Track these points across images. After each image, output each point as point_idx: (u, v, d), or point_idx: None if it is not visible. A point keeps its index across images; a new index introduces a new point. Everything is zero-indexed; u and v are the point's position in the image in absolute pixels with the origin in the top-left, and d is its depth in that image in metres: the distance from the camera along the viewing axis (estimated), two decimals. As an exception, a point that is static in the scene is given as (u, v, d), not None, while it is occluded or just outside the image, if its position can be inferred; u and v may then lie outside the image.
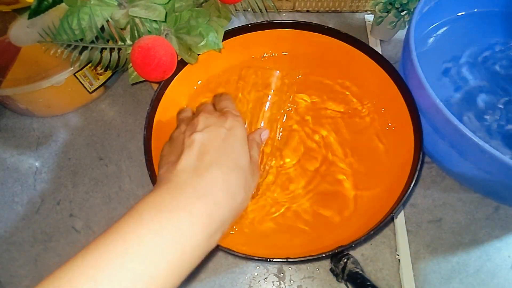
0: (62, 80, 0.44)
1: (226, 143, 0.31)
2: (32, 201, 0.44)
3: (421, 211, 0.42)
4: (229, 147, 0.31)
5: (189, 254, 0.25)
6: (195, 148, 0.30)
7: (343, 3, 0.55)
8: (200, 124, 0.32)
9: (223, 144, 0.31)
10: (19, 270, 0.40)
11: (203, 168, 0.29)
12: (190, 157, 0.29)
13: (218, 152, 0.30)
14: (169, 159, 0.31)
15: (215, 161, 0.29)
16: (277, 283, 0.39)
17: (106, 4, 0.36)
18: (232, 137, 0.31)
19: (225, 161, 0.30)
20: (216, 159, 0.29)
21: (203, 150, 0.30)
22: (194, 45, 0.38)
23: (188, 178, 0.28)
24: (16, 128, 0.49)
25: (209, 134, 0.31)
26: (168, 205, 0.26)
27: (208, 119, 0.33)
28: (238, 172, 0.30)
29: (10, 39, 0.46)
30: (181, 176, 0.28)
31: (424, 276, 0.39)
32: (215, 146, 0.30)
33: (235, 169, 0.30)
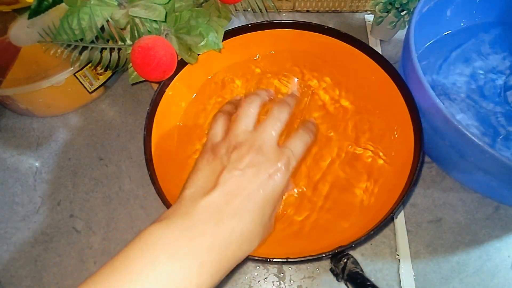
0: (62, 80, 0.44)
1: (260, 191, 0.28)
2: (32, 202, 0.44)
3: (421, 211, 0.42)
4: (262, 198, 0.28)
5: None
6: (229, 187, 0.28)
7: (343, 3, 0.55)
8: (246, 160, 0.29)
9: (257, 192, 0.28)
10: (20, 271, 0.40)
11: (227, 213, 0.27)
12: (220, 195, 0.27)
13: (249, 198, 0.28)
14: (199, 182, 0.29)
15: (242, 209, 0.27)
16: (277, 283, 0.39)
17: (106, 4, 0.36)
18: (268, 187, 0.29)
19: (252, 211, 0.28)
20: (243, 207, 0.27)
21: (236, 191, 0.28)
22: (194, 45, 0.38)
23: (208, 222, 0.26)
24: (16, 128, 0.49)
25: (250, 176, 0.28)
26: (182, 250, 0.24)
27: (258, 156, 0.29)
28: (259, 227, 0.28)
29: (10, 39, 0.46)
30: (202, 214, 0.26)
31: (424, 276, 0.39)
32: (249, 192, 0.28)
33: (258, 222, 0.28)
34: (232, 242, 0.26)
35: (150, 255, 0.23)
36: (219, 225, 0.26)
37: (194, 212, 0.26)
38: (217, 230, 0.26)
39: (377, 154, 0.39)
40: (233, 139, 0.31)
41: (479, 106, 0.45)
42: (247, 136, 0.31)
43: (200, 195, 0.27)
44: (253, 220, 0.28)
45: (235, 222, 0.27)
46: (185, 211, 0.26)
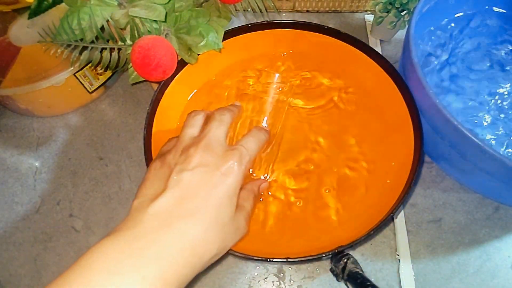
0: (62, 80, 0.44)
1: (214, 191, 0.27)
2: (32, 201, 0.44)
3: (421, 211, 0.42)
4: (216, 197, 0.27)
5: None
6: (178, 190, 0.26)
7: (343, 3, 0.55)
8: (194, 160, 0.28)
9: (210, 192, 0.27)
10: (19, 270, 0.40)
11: (177, 218, 0.25)
12: (168, 200, 0.26)
13: (201, 200, 0.26)
14: (148, 191, 0.27)
15: (195, 211, 0.26)
16: (277, 283, 0.39)
17: (106, 4, 0.36)
18: (223, 186, 0.27)
19: (205, 213, 0.26)
20: (196, 209, 0.26)
21: (187, 194, 0.26)
22: (194, 45, 0.38)
23: (155, 230, 0.24)
24: (16, 128, 0.49)
25: (200, 176, 0.27)
26: (124, 265, 0.23)
27: (206, 155, 0.28)
28: (215, 228, 0.27)
29: (10, 39, 0.46)
30: (149, 224, 0.25)
31: (424, 276, 0.39)
32: (201, 193, 0.27)
33: (213, 224, 0.26)
34: (185, 247, 0.25)
35: (89, 273, 0.22)
36: (168, 231, 0.24)
37: (141, 222, 0.25)
38: (165, 236, 0.24)
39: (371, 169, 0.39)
40: (179, 146, 0.30)
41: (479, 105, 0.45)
42: (193, 140, 0.29)
43: (148, 203, 0.26)
44: (207, 221, 0.26)
45: (186, 225, 0.25)
46: (132, 222, 0.25)
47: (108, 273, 0.22)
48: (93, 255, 0.23)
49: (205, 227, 0.26)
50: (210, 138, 0.30)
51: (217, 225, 0.27)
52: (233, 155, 0.29)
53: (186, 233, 0.25)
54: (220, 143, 0.30)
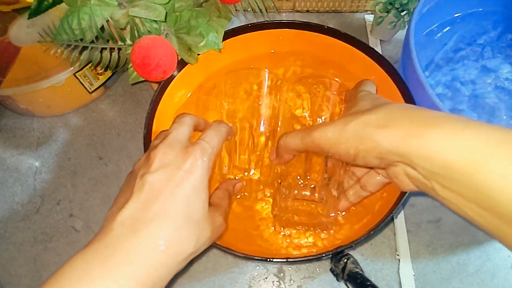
0: (62, 80, 0.44)
1: (178, 190, 0.26)
2: (32, 201, 0.44)
3: (421, 211, 0.42)
4: (182, 195, 0.26)
5: None
6: (142, 194, 0.26)
7: (343, 3, 0.55)
8: (155, 162, 0.27)
9: (175, 190, 0.26)
10: (19, 270, 0.40)
11: (144, 221, 0.25)
12: (135, 205, 0.26)
13: (167, 200, 0.26)
14: (119, 200, 0.28)
15: (162, 212, 0.25)
16: (277, 283, 0.39)
17: (106, 4, 0.36)
18: (187, 183, 0.27)
19: (174, 212, 0.26)
20: (163, 210, 0.26)
21: (152, 196, 0.26)
22: (194, 45, 0.38)
23: (123, 235, 0.24)
24: (16, 128, 0.49)
25: (162, 176, 0.27)
26: (94, 273, 0.23)
27: (166, 155, 0.28)
28: (187, 226, 0.26)
29: (10, 39, 0.46)
30: (117, 231, 0.25)
31: (424, 276, 0.39)
32: (166, 193, 0.26)
33: (184, 223, 0.26)
34: (155, 249, 0.24)
35: (59, 286, 0.22)
36: (137, 235, 0.24)
37: (110, 231, 0.25)
38: (134, 241, 0.24)
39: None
40: (145, 154, 0.30)
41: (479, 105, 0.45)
42: (158, 147, 0.29)
43: (116, 212, 0.26)
44: (177, 220, 0.26)
45: (154, 227, 0.25)
46: (102, 233, 0.25)
47: (79, 283, 0.22)
48: (64, 269, 0.23)
49: (175, 227, 0.26)
50: (169, 139, 0.29)
51: (188, 223, 0.26)
52: (194, 150, 0.28)
53: (155, 236, 0.25)
54: (179, 142, 0.29)
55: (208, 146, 0.29)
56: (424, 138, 0.24)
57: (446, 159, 0.23)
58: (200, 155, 0.28)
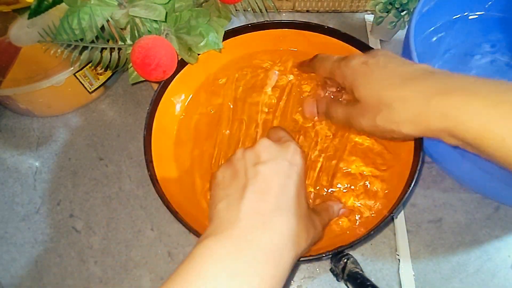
0: (62, 80, 0.44)
1: (289, 181, 0.27)
2: (32, 202, 0.44)
3: (421, 211, 0.42)
4: (291, 187, 0.27)
5: None
6: (258, 184, 0.26)
7: (343, 3, 0.55)
8: (264, 154, 0.28)
9: (286, 182, 0.27)
10: (20, 271, 0.40)
11: (267, 214, 0.25)
12: (254, 196, 0.26)
13: (281, 192, 0.27)
14: (229, 191, 0.27)
15: (279, 204, 0.26)
16: (277, 283, 0.39)
17: (106, 4, 0.36)
18: (295, 176, 0.28)
19: (288, 204, 0.26)
20: (279, 202, 0.26)
21: (266, 187, 0.26)
22: (194, 45, 0.38)
23: (254, 228, 0.25)
24: (16, 128, 0.49)
25: (273, 167, 0.27)
26: (240, 268, 0.23)
27: (271, 148, 0.29)
28: (300, 219, 0.27)
29: (10, 39, 0.46)
30: (246, 223, 0.25)
31: (424, 276, 0.39)
32: (279, 184, 0.27)
33: (297, 215, 0.27)
34: (284, 245, 0.25)
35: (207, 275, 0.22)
36: (266, 228, 0.25)
37: (238, 224, 0.25)
38: (264, 236, 0.24)
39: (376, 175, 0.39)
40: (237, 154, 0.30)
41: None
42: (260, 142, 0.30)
43: (236, 204, 0.26)
44: (293, 214, 0.26)
45: (279, 220, 0.25)
46: (228, 226, 0.25)
47: (228, 275, 0.22)
48: (204, 257, 0.23)
49: (292, 219, 0.26)
50: (261, 142, 0.30)
51: (300, 216, 0.27)
52: (288, 146, 0.30)
53: (282, 229, 0.25)
54: (270, 144, 0.30)
55: (295, 145, 0.31)
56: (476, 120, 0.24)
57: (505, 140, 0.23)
58: (295, 147, 0.30)
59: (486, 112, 0.23)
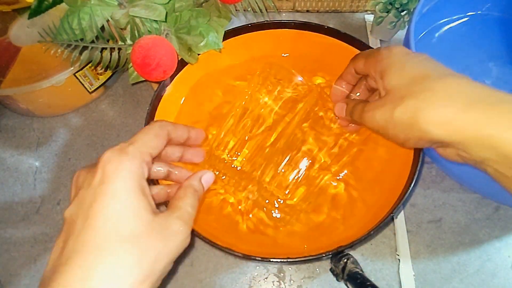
0: (62, 80, 0.44)
1: (92, 210, 0.21)
2: (32, 201, 0.44)
3: (421, 211, 0.42)
4: (98, 214, 0.21)
5: None
6: (61, 235, 0.22)
7: (343, 3, 0.55)
8: (72, 192, 0.24)
9: (89, 213, 0.21)
10: (19, 270, 0.40)
11: (59, 265, 0.20)
12: (54, 252, 0.22)
13: (82, 229, 0.21)
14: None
15: (77, 246, 0.20)
16: (277, 283, 0.39)
17: (107, 4, 0.36)
18: (101, 198, 0.21)
19: (92, 239, 0.20)
20: (78, 244, 0.20)
21: (68, 233, 0.22)
22: (194, 45, 0.38)
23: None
24: (16, 128, 0.49)
25: (75, 205, 0.22)
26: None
27: (79, 178, 0.23)
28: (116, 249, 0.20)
29: (10, 39, 0.46)
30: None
31: (424, 276, 0.39)
32: (79, 222, 0.21)
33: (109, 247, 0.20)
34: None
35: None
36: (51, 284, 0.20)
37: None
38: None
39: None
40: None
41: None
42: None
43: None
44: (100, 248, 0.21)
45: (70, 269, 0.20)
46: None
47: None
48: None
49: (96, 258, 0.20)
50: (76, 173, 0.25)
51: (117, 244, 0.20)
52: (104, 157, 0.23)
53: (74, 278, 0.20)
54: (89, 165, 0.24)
55: (128, 146, 0.23)
56: (486, 127, 0.22)
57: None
58: (116, 158, 0.22)
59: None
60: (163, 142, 0.26)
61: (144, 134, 0.25)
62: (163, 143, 0.26)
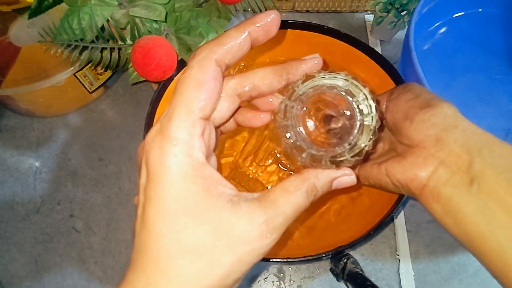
0: (62, 80, 0.44)
1: (148, 215, 0.17)
2: (33, 201, 0.44)
3: (421, 211, 0.42)
4: (154, 221, 0.17)
5: None
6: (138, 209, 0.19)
7: (343, 3, 0.55)
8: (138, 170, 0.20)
9: (144, 218, 0.18)
10: (20, 270, 0.40)
11: (131, 263, 0.18)
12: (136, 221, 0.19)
13: (141, 235, 0.18)
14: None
15: (139, 256, 0.17)
16: (277, 283, 0.39)
17: (107, 4, 0.36)
18: (153, 202, 0.17)
19: (150, 250, 0.17)
20: (141, 251, 0.17)
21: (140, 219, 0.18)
22: (194, 45, 0.38)
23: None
24: (16, 128, 0.49)
25: (140, 193, 0.19)
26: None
27: (139, 157, 0.19)
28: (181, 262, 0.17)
29: (10, 39, 0.46)
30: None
31: (424, 276, 0.39)
32: (139, 225, 0.18)
33: (171, 261, 0.17)
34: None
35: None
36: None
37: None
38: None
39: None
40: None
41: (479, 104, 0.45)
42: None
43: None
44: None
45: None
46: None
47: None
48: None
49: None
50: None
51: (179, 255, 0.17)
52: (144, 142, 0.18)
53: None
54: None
55: (169, 123, 0.17)
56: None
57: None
58: (158, 148, 0.17)
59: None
60: (215, 87, 0.18)
61: (183, 90, 0.17)
62: (214, 88, 0.18)
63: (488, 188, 0.21)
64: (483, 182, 0.22)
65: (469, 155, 0.22)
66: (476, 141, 0.23)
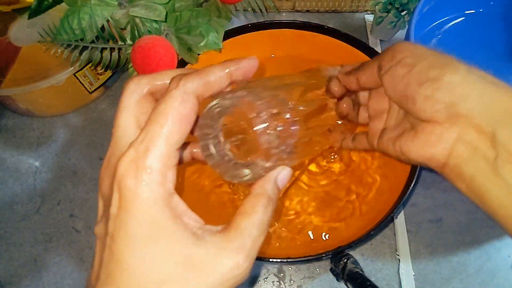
0: (62, 80, 0.44)
1: (117, 244, 0.16)
2: (32, 201, 0.44)
3: (421, 211, 0.42)
4: (123, 252, 0.16)
5: None
6: (96, 254, 0.18)
7: (343, 3, 0.55)
8: (99, 202, 0.20)
9: (113, 248, 0.16)
10: (19, 270, 0.40)
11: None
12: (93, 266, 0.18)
13: (109, 265, 0.17)
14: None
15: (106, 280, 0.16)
16: (277, 283, 0.39)
17: (107, 4, 0.36)
18: (123, 231, 0.16)
19: (117, 279, 0.16)
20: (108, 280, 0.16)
21: (100, 254, 0.17)
22: (194, 45, 0.38)
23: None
24: (16, 128, 0.49)
25: (103, 224, 0.18)
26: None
27: (102, 186, 0.19)
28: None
29: (10, 39, 0.46)
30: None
31: (424, 276, 0.39)
32: (107, 255, 0.17)
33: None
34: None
35: None
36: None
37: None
38: None
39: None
40: None
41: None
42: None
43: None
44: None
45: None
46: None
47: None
48: None
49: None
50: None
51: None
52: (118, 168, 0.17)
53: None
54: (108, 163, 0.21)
55: (144, 154, 0.17)
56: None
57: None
58: (133, 176, 0.16)
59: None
60: (192, 121, 0.18)
61: (164, 122, 0.17)
62: (191, 122, 0.18)
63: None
64: (510, 159, 0.19)
65: (490, 126, 0.19)
66: (498, 108, 0.19)
